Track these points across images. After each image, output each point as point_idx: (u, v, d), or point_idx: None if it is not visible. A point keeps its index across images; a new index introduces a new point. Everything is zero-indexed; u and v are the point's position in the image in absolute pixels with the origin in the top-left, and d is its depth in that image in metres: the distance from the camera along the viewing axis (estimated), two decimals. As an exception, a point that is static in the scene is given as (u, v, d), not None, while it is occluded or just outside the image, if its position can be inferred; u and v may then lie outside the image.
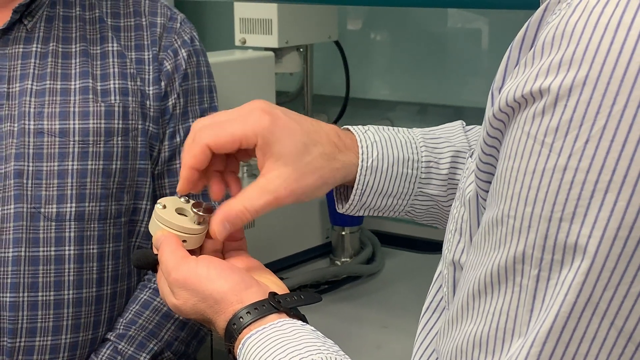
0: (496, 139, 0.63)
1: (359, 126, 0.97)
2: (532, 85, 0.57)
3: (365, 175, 0.93)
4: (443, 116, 2.44)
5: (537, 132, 0.57)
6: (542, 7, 0.62)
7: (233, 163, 0.94)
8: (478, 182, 0.68)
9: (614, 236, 0.54)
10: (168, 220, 0.89)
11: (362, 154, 0.93)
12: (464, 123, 1.00)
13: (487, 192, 0.66)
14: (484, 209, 0.65)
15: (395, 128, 0.98)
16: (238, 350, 0.79)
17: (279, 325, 0.78)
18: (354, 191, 0.93)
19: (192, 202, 0.92)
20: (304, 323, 0.81)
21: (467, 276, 0.64)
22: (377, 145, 0.94)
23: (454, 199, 0.92)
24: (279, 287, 0.85)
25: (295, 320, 0.80)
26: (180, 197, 0.93)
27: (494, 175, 0.63)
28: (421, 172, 0.95)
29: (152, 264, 0.90)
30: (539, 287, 0.57)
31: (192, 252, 0.91)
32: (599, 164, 0.54)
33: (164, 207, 0.91)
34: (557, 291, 0.56)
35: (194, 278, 0.83)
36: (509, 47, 0.64)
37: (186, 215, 0.92)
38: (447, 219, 0.95)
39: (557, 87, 0.56)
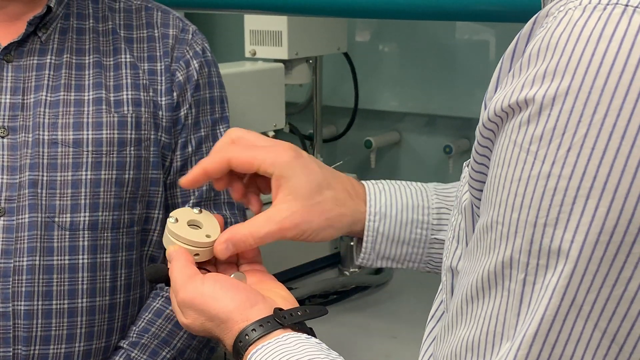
0: (487, 147, 0.65)
1: (373, 180, 0.99)
2: (519, 95, 0.59)
3: (374, 222, 0.95)
4: (451, 127, 2.45)
5: (522, 140, 0.59)
6: (531, 20, 0.64)
7: (255, 185, 0.97)
8: (472, 190, 0.70)
9: (596, 241, 0.56)
10: (179, 235, 0.91)
11: (370, 200, 0.95)
12: None
13: (480, 199, 0.67)
14: (478, 216, 0.67)
15: (408, 182, 1.00)
16: None
17: (284, 339, 0.80)
18: (365, 237, 0.95)
19: (204, 212, 0.94)
20: (309, 336, 0.82)
21: (461, 282, 0.66)
22: (385, 193, 0.96)
23: None
24: (288, 301, 0.87)
25: (300, 334, 0.81)
26: (193, 208, 0.95)
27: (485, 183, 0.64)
28: (432, 218, 0.96)
29: (165, 278, 0.92)
30: (525, 291, 0.59)
31: (207, 262, 0.92)
32: (580, 171, 0.56)
33: (176, 220, 0.92)
34: (542, 295, 0.57)
35: (200, 298, 0.85)
36: (501, 59, 0.66)
37: (199, 227, 0.93)
38: None
39: (542, 96, 0.58)
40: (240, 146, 0.93)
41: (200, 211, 0.94)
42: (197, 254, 0.90)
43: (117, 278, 1.29)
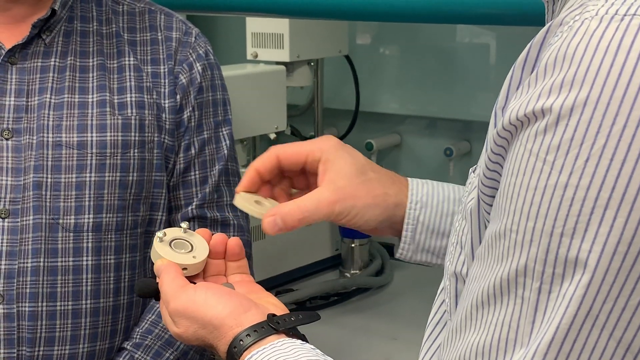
0: (500, 155, 0.65)
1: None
2: (535, 104, 0.59)
3: (414, 210, 0.95)
4: (452, 130, 2.45)
5: (539, 149, 0.59)
6: (544, 29, 0.64)
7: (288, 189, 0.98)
8: (482, 196, 0.70)
9: (613, 251, 0.56)
10: (165, 254, 0.92)
11: (412, 189, 0.95)
12: None
13: (491, 206, 0.68)
14: (487, 221, 0.67)
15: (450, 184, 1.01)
16: None
17: (279, 345, 0.80)
18: (404, 226, 0.95)
19: (189, 231, 0.95)
20: (304, 342, 0.82)
21: (470, 288, 0.66)
22: (427, 185, 0.96)
23: None
24: (279, 309, 0.87)
25: (294, 339, 0.82)
26: (181, 227, 0.95)
27: (497, 190, 0.65)
28: None
29: (154, 293, 0.92)
30: (540, 299, 0.59)
31: (195, 276, 0.93)
32: (598, 182, 0.56)
33: (162, 238, 0.93)
34: (558, 304, 0.58)
35: (192, 306, 0.85)
36: (512, 68, 0.66)
37: (187, 245, 0.94)
38: None
39: (559, 107, 0.58)
40: (285, 145, 0.94)
41: (185, 231, 0.95)
42: (185, 268, 0.91)
43: (121, 279, 1.30)
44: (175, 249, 0.92)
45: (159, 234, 0.93)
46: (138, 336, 1.31)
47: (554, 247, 0.58)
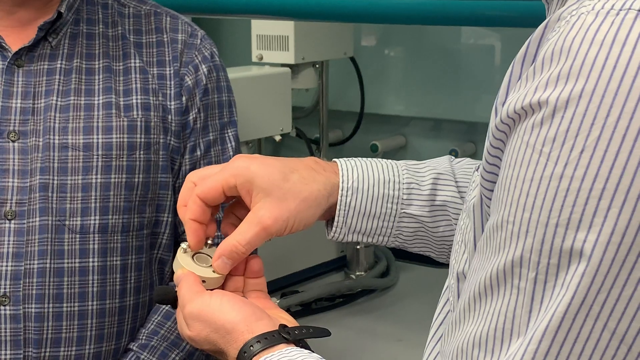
0: (498, 149, 0.65)
1: (345, 158, 1.00)
2: (532, 97, 0.60)
3: (346, 197, 0.95)
4: (457, 132, 2.46)
5: (535, 141, 0.60)
6: (542, 24, 0.65)
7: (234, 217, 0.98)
8: (483, 190, 0.71)
9: (607, 241, 0.56)
10: (186, 265, 0.93)
11: (342, 175, 0.96)
12: (453, 158, 1.03)
13: (491, 200, 0.68)
14: (489, 216, 0.68)
15: (379, 159, 1.01)
16: None
17: (287, 352, 0.81)
18: (337, 212, 0.96)
19: (214, 247, 0.95)
20: (311, 352, 0.83)
21: (470, 279, 0.67)
22: (357, 169, 0.97)
23: (439, 221, 0.96)
24: (291, 324, 0.88)
25: (303, 349, 0.83)
26: (207, 243, 0.96)
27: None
28: (403, 193, 0.97)
29: (172, 300, 0.93)
30: (536, 289, 0.60)
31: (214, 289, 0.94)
32: (593, 173, 0.57)
33: (186, 250, 0.94)
34: (555, 293, 0.58)
35: (207, 309, 0.86)
36: (512, 63, 0.67)
37: (210, 257, 0.95)
38: (438, 246, 0.99)
39: (555, 99, 0.59)
40: (200, 183, 0.93)
41: (210, 246, 0.96)
42: (204, 281, 0.92)
43: (127, 281, 1.30)
44: (197, 262, 0.94)
45: (183, 245, 0.94)
46: (144, 337, 1.32)
47: (550, 237, 0.58)
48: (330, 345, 0.88)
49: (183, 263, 0.93)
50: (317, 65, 2.30)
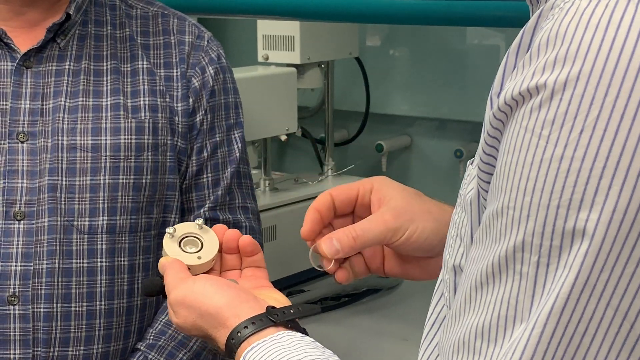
0: (495, 138, 0.65)
1: None
2: (529, 82, 0.60)
3: None
4: (462, 131, 2.46)
5: (534, 125, 0.60)
6: (535, 14, 0.65)
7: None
8: (481, 183, 0.70)
9: (609, 220, 0.57)
10: (170, 252, 0.94)
11: None
12: None
13: (488, 191, 0.68)
14: (484, 208, 0.68)
15: None
16: None
17: (279, 337, 0.81)
18: None
19: (205, 227, 0.96)
20: (304, 335, 0.83)
21: (468, 271, 0.66)
22: None
23: None
24: (281, 303, 0.88)
25: (294, 332, 0.83)
26: (197, 224, 0.97)
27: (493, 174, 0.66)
28: None
29: (160, 290, 0.94)
30: (539, 272, 0.59)
31: (210, 270, 0.95)
32: (593, 152, 0.57)
33: (172, 234, 0.95)
34: (557, 275, 0.58)
35: (190, 295, 0.87)
36: (506, 54, 0.67)
37: (197, 241, 0.95)
38: None
39: (553, 82, 0.59)
40: (337, 187, 0.98)
41: (201, 227, 0.96)
42: (190, 267, 0.93)
43: (135, 281, 1.31)
44: (185, 247, 0.94)
45: (169, 230, 0.95)
46: (151, 337, 1.33)
47: (551, 219, 0.58)
48: (335, 344, 0.89)
49: (168, 250, 0.93)
50: (322, 65, 2.30)
